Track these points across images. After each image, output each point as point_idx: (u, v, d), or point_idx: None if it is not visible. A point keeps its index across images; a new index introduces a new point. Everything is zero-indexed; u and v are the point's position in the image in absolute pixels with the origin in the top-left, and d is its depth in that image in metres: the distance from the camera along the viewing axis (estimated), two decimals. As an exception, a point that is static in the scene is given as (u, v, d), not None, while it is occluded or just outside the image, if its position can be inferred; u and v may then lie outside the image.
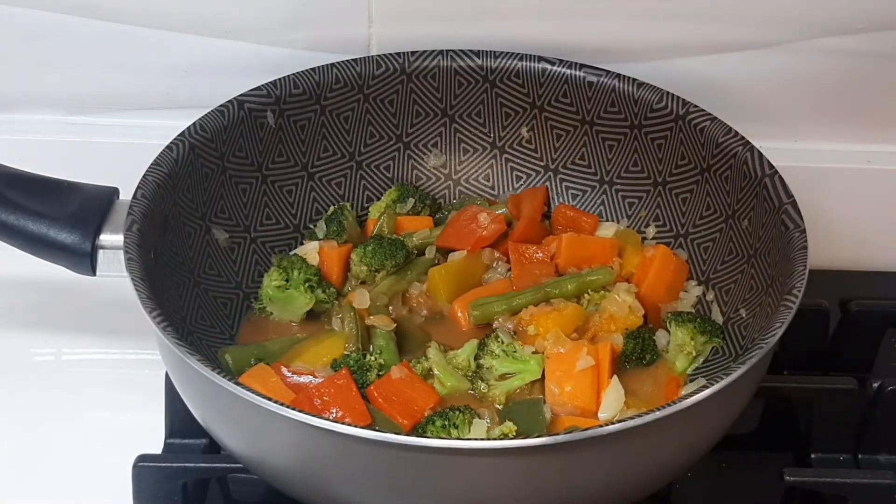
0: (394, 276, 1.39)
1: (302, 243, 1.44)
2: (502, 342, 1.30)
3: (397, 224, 1.45)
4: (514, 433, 1.22)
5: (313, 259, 1.40)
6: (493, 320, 1.35)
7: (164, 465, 1.27)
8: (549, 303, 1.35)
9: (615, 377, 1.28)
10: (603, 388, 1.28)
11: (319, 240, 1.43)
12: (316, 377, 1.27)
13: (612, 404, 1.27)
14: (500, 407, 1.28)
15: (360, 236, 1.46)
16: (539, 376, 1.29)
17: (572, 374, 1.27)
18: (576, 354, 1.28)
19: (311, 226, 1.46)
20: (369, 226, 1.47)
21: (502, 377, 1.29)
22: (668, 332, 1.35)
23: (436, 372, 1.30)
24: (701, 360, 1.33)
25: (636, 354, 1.32)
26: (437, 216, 1.49)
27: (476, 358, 1.30)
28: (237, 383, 1.09)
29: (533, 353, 1.30)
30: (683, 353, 1.32)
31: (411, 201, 1.47)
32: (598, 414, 1.27)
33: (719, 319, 1.35)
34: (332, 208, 1.47)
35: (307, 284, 1.35)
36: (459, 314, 1.36)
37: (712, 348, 1.33)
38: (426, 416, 1.23)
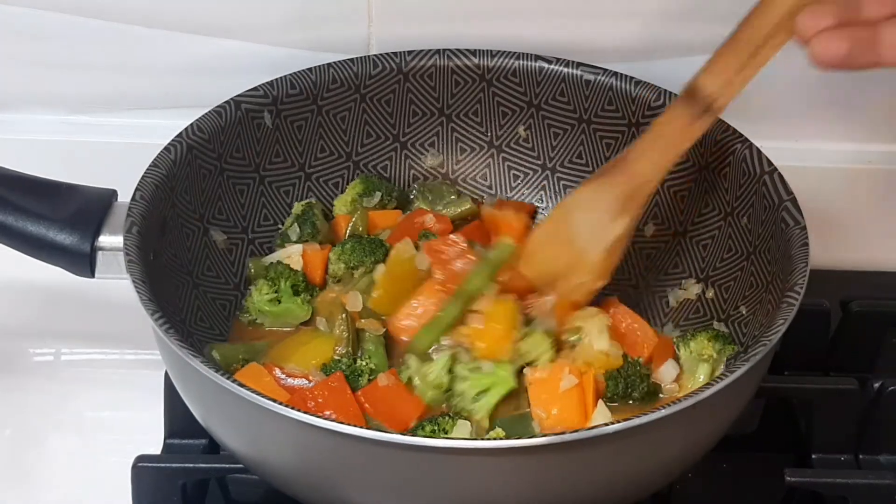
0: (369, 276, 1.37)
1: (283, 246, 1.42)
2: (465, 363, 1.28)
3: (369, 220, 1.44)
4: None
5: (297, 263, 1.38)
6: (436, 345, 1.31)
7: (163, 465, 1.27)
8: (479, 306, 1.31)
9: (601, 401, 1.26)
10: (590, 410, 1.25)
11: (297, 242, 1.41)
12: (309, 380, 1.26)
13: None
14: (486, 426, 1.25)
15: (329, 232, 1.44)
16: (514, 385, 1.27)
17: (557, 396, 1.24)
18: (558, 375, 1.25)
19: (280, 227, 1.44)
20: (339, 222, 1.44)
21: (478, 395, 1.26)
22: (678, 355, 1.32)
23: (416, 383, 1.28)
24: (721, 368, 1.30)
25: (618, 394, 1.28)
26: (408, 209, 1.47)
27: (450, 374, 1.27)
28: (241, 385, 1.08)
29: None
30: (703, 359, 1.29)
31: (378, 195, 1.45)
32: None
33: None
34: (298, 206, 1.43)
35: (294, 290, 1.34)
36: (403, 337, 1.33)
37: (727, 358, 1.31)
38: (413, 426, 1.23)
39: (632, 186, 1.29)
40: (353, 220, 1.43)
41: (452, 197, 1.48)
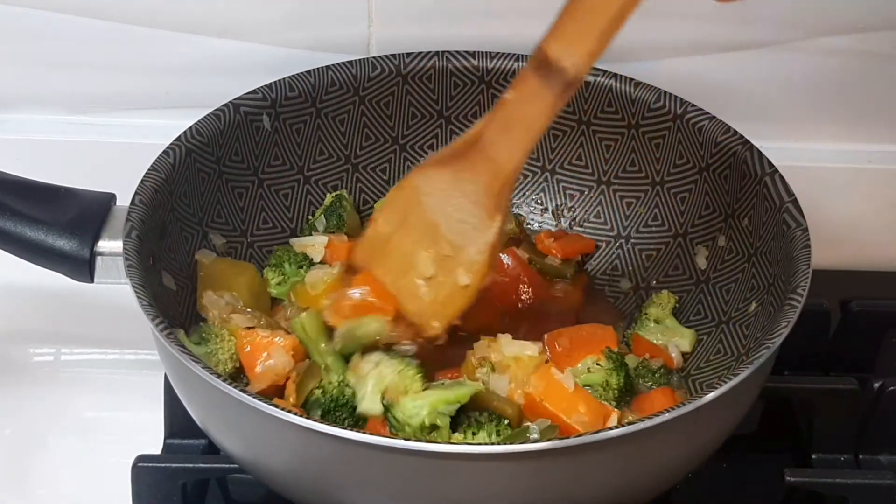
0: None
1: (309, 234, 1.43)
2: None
3: None
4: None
5: (318, 253, 1.39)
6: None
7: (163, 465, 1.27)
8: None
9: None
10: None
11: (323, 233, 1.42)
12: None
13: None
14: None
15: (360, 227, 1.44)
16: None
17: (573, 396, 1.22)
18: (554, 379, 1.23)
19: (310, 217, 1.45)
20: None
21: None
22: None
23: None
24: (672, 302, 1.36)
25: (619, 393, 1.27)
26: None
27: None
28: (242, 390, 1.08)
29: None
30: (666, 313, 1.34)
31: None
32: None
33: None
34: (329, 197, 1.45)
35: (301, 269, 1.36)
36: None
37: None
38: None
39: (498, 179, 1.15)
40: None
41: None
